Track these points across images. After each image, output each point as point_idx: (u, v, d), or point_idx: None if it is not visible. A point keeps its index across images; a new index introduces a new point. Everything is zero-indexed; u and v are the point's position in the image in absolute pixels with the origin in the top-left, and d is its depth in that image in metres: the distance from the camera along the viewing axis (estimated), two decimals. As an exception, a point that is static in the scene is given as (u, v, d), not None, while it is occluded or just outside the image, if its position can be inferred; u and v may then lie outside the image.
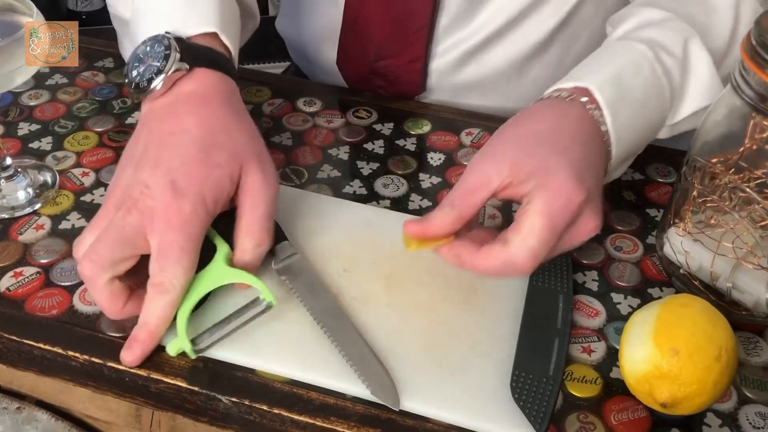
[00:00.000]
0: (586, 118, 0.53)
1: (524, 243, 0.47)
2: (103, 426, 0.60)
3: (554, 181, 0.48)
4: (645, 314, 0.48)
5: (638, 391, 0.48)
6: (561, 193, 0.48)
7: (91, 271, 0.48)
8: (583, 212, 0.49)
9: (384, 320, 0.53)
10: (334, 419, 0.48)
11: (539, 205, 0.48)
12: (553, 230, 0.48)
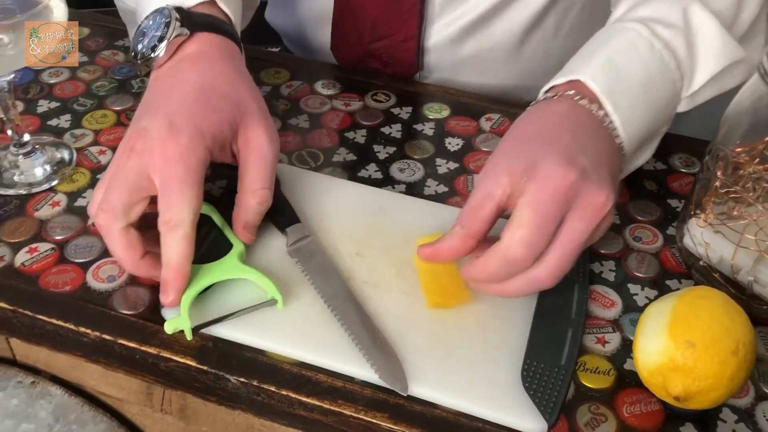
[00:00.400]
0: (574, 108, 0.52)
1: (514, 235, 0.46)
2: (115, 403, 0.60)
3: (541, 171, 0.47)
4: (661, 306, 0.47)
5: (651, 383, 0.47)
6: (548, 179, 0.47)
7: (105, 220, 0.48)
8: (583, 190, 0.47)
9: (394, 306, 0.52)
10: (342, 402, 0.47)
11: (526, 197, 0.47)
12: (542, 217, 0.46)
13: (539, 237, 0.46)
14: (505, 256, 0.47)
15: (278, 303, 0.51)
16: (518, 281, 0.48)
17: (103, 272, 0.55)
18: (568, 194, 0.47)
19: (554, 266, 0.47)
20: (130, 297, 0.53)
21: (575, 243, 0.47)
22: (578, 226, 0.47)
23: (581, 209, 0.47)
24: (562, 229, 0.47)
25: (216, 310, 0.51)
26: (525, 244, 0.46)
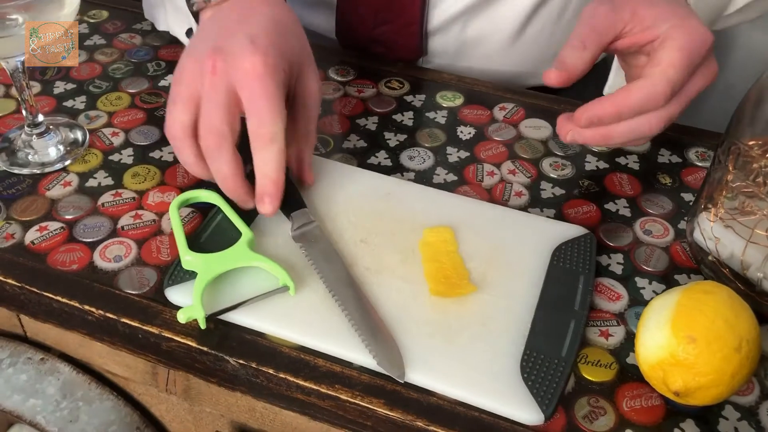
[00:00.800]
0: None
1: (664, 74, 0.49)
2: (121, 381, 0.61)
3: (689, 23, 0.51)
4: (665, 299, 0.47)
5: (652, 377, 0.46)
6: (698, 32, 0.50)
7: (215, 142, 0.50)
8: (710, 56, 0.52)
9: (396, 293, 0.52)
10: (339, 387, 0.47)
11: (679, 40, 0.50)
12: (690, 64, 0.50)
13: (681, 82, 0.50)
14: (650, 91, 0.50)
15: (290, 290, 0.51)
16: (624, 126, 0.51)
17: (110, 252, 0.55)
18: (707, 54, 0.51)
19: (667, 116, 0.51)
20: (136, 277, 0.54)
21: (690, 98, 0.51)
22: (700, 83, 0.52)
23: (705, 73, 0.52)
24: (690, 81, 0.51)
25: (227, 298, 0.51)
26: (672, 83, 0.49)
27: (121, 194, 0.60)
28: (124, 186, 0.61)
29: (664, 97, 0.49)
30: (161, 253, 0.55)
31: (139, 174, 0.62)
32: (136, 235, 0.57)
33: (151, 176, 0.62)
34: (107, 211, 0.59)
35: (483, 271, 0.54)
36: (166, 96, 0.70)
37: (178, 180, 0.62)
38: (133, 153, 0.64)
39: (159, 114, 0.68)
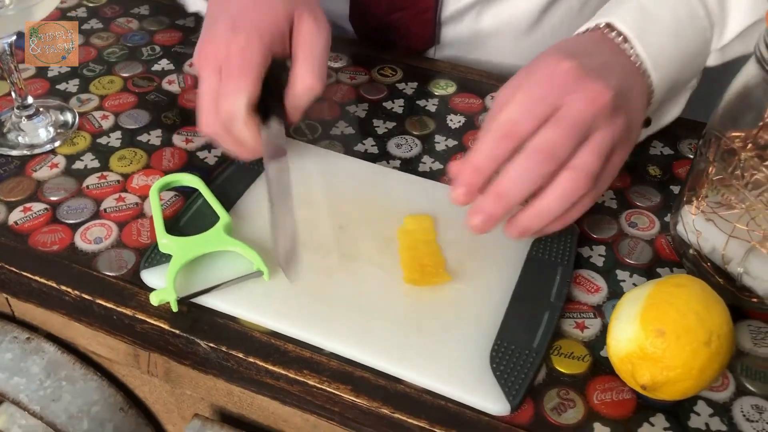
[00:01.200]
0: (603, 39, 0.52)
1: (501, 113, 0.47)
2: (105, 362, 0.62)
3: (535, 62, 0.49)
4: (637, 292, 0.46)
5: (621, 371, 0.45)
6: (538, 66, 0.48)
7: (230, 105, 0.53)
8: (581, 79, 0.46)
9: (371, 279, 0.52)
10: (307, 372, 0.47)
11: (518, 84, 0.48)
12: (529, 97, 0.46)
13: (524, 115, 0.45)
14: (492, 133, 0.46)
15: (264, 275, 0.51)
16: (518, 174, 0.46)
17: (91, 234, 0.56)
18: (563, 78, 0.46)
19: (549, 142, 0.45)
20: (114, 259, 0.54)
21: (570, 120, 0.45)
22: (575, 105, 0.46)
23: (576, 93, 0.46)
24: (559, 109, 0.46)
25: (201, 282, 0.51)
26: (508, 121, 0.46)
27: (106, 177, 0.60)
28: (110, 169, 0.61)
29: (505, 132, 0.46)
30: (141, 235, 0.56)
31: (126, 157, 0.62)
32: (118, 217, 0.57)
33: (137, 159, 0.62)
34: (91, 193, 0.59)
35: (461, 261, 0.53)
36: (159, 80, 0.71)
37: (163, 164, 0.62)
38: (121, 136, 0.64)
39: (150, 98, 0.69)
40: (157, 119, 0.66)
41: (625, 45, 0.52)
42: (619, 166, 0.50)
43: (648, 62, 0.52)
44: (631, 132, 0.50)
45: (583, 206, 0.49)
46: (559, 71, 0.47)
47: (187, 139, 0.64)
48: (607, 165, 0.49)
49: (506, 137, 0.46)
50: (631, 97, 0.50)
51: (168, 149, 0.63)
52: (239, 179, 0.59)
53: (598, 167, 0.47)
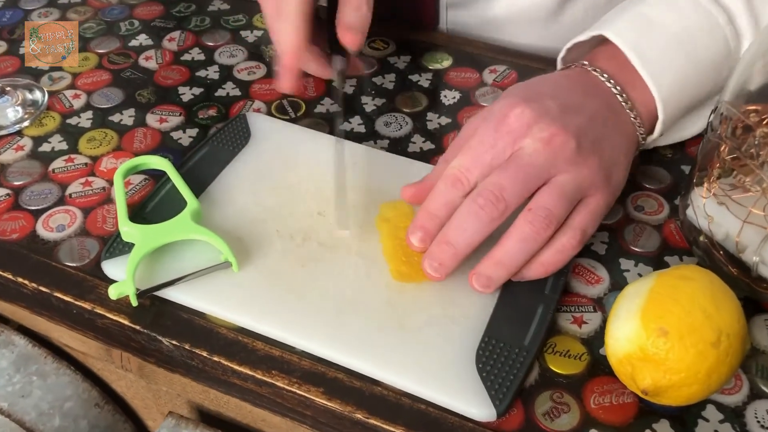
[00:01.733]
0: (578, 73, 0.50)
1: (449, 165, 0.46)
2: (80, 356, 0.58)
3: (496, 102, 0.47)
4: (638, 285, 0.41)
5: (620, 373, 0.41)
6: (491, 111, 0.47)
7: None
8: (537, 123, 0.45)
9: (350, 270, 0.48)
10: (276, 373, 0.43)
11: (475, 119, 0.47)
12: (478, 143, 0.45)
13: (474, 162, 0.45)
14: (444, 179, 0.46)
15: (233, 266, 0.47)
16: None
17: (54, 221, 0.52)
18: (516, 124, 0.45)
19: (494, 186, 0.44)
20: (77, 248, 0.50)
21: (519, 163, 0.44)
22: (527, 149, 0.44)
23: (528, 137, 0.45)
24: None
25: (165, 273, 0.47)
26: (459, 166, 0.45)
27: (73, 159, 0.57)
28: (79, 151, 0.57)
29: (455, 179, 0.46)
30: (106, 223, 0.52)
31: (95, 138, 0.58)
32: (83, 203, 0.53)
33: (108, 141, 0.58)
34: (57, 177, 0.55)
35: (448, 249, 0.49)
36: (136, 56, 0.67)
37: (134, 145, 0.58)
38: (92, 116, 0.61)
39: (125, 75, 0.65)
40: (131, 98, 0.62)
41: (603, 79, 0.49)
42: (599, 207, 0.47)
43: (650, 80, 0.48)
44: (609, 172, 0.47)
45: (564, 250, 0.45)
46: (512, 116, 0.45)
47: (161, 119, 0.60)
48: (582, 207, 0.46)
49: (456, 183, 0.45)
50: (605, 135, 0.47)
51: (140, 129, 0.59)
52: (213, 161, 0.55)
53: (557, 207, 0.44)
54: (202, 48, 0.68)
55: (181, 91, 0.63)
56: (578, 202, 0.46)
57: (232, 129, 0.57)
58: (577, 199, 0.46)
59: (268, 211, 0.51)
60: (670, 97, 0.49)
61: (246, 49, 0.68)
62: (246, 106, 0.61)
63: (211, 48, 0.68)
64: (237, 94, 0.63)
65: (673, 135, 0.55)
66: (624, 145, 0.49)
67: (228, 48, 0.68)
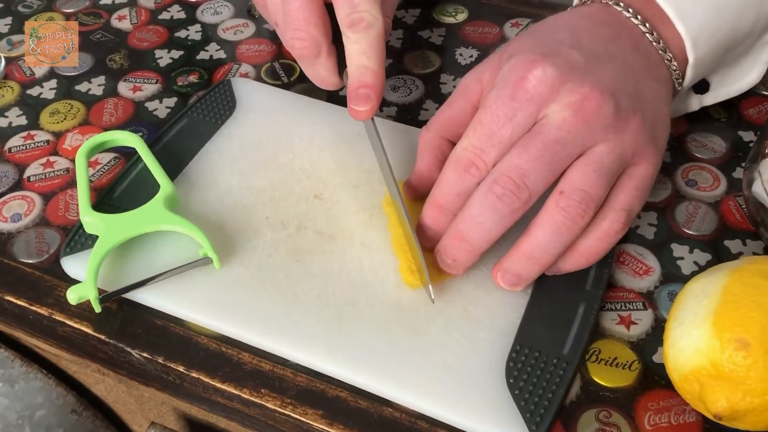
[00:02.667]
0: (602, 12, 0.41)
1: (462, 140, 0.38)
2: (53, 358, 0.52)
3: (509, 62, 0.38)
4: (707, 282, 0.34)
5: (684, 391, 0.34)
6: (512, 71, 0.38)
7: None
8: (564, 84, 0.36)
9: (354, 264, 0.40)
10: (266, 392, 0.36)
11: (489, 93, 0.38)
12: (495, 115, 0.37)
13: (489, 140, 0.37)
14: (453, 164, 0.38)
15: (214, 262, 0.40)
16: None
17: (8, 209, 0.45)
18: (536, 89, 0.37)
19: (515, 170, 0.36)
20: (34, 242, 0.43)
21: (544, 138, 0.36)
22: (553, 119, 0.36)
23: (555, 103, 0.36)
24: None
25: (135, 272, 0.40)
26: (471, 147, 0.37)
27: (33, 137, 0.49)
28: (40, 126, 0.50)
29: (468, 162, 0.38)
30: (69, 210, 0.45)
31: (59, 111, 0.51)
32: (43, 187, 0.46)
33: (73, 114, 0.51)
34: (14, 157, 0.48)
35: (469, 236, 0.41)
36: (108, 16, 0.59)
37: (104, 118, 0.50)
38: (56, 86, 0.53)
39: (95, 38, 0.57)
40: (101, 63, 0.55)
41: (628, 14, 0.41)
42: (647, 178, 0.39)
43: (674, 14, 0.40)
44: (654, 132, 0.39)
45: (606, 237, 0.38)
46: (531, 79, 0.37)
47: (134, 87, 0.52)
48: (626, 181, 0.38)
49: (470, 168, 0.37)
50: (643, 86, 0.39)
51: (111, 100, 0.52)
52: (192, 136, 0.47)
53: (595, 187, 0.36)
54: (182, 5, 0.60)
55: (158, 55, 0.55)
56: (620, 175, 0.38)
57: (215, 97, 0.49)
58: (618, 172, 0.38)
59: (256, 194, 0.44)
60: (700, 33, 0.41)
61: (232, 5, 0.59)
62: (232, 71, 0.53)
63: (192, 4, 0.60)
64: (221, 57, 0.55)
65: (725, 88, 0.47)
66: (662, 94, 0.41)
67: (212, 4, 0.60)
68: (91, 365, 0.46)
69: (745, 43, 0.44)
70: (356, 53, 0.41)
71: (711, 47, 0.42)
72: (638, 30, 0.41)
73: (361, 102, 0.41)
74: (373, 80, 0.41)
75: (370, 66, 0.41)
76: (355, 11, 0.41)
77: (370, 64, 0.41)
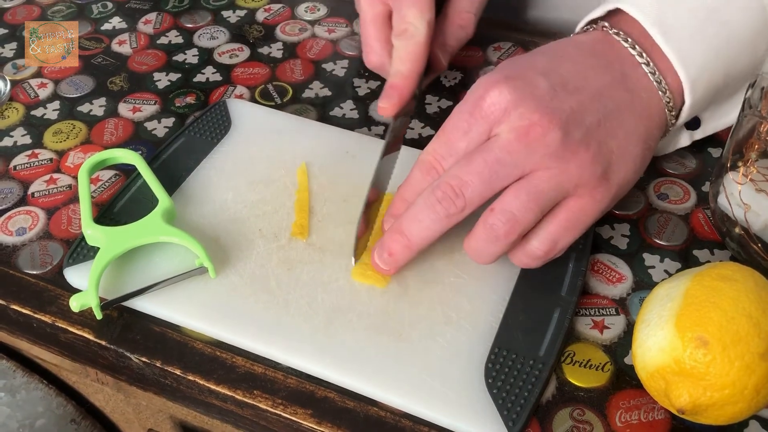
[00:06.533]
0: (602, 41, 0.43)
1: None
2: (53, 368, 0.53)
3: (478, 80, 0.41)
4: (671, 286, 0.36)
5: (651, 388, 0.36)
6: (472, 91, 0.40)
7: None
8: (514, 109, 0.38)
9: (342, 273, 0.42)
10: (258, 393, 0.38)
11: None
12: (452, 128, 0.40)
13: (447, 148, 0.40)
14: (419, 164, 0.41)
15: (210, 271, 0.42)
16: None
17: (14, 224, 0.47)
18: (492, 108, 0.39)
19: (454, 179, 0.38)
20: (38, 254, 0.45)
21: (488, 155, 0.38)
22: (500, 139, 0.38)
23: (503, 124, 0.39)
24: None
25: (134, 281, 0.42)
26: (433, 152, 0.41)
27: (38, 155, 0.52)
28: (44, 145, 0.52)
29: (428, 166, 0.41)
30: (72, 224, 0.47)
31: (62, 131, 0.53)
32: (47, 203, 0.48)
33: (75, 133, 0.53)
34: (18, 174, 0.50)
35: (449, 246, 0.43)
36: (108, 41, 0.61)
37: (105, 137, 0.53)
38: (59, 107, 0.55)
39: (96, 62, 0.59)
40: (102, 86, 0.57)
41: (626, 45, 0.42)
42: (583, 212, 0.39)
43: (675, 57, 0.41)
44: (607, 168, 0.39)
45: (527, 257, 0.40)
46: (488, 98, 0.39)
47: (134, 108, 0.55)
48: (560, 211, 0.39)
49: (431, 171, 0.41)
50: (611, 120, 0.40)
51: (112, 120, 0.54)
52: (189, 153, 0.49)
53: (524, 211, 0.38)
54: (180, 30, 0.62)
55: (157, 78, 0.58)
56: (559, 203, 0.39)
57: (211, 117, 0.52)
58: (555, 200, 0.39)
59: (249, 207, 0.46)
60: (698, 77, 0.42)
61: (228, 30, 0.62)
62: (227, 92, 0.56)
63: (189, 30, 0.62)
64: (218, 79, 0.57)
65: (715, 122, 0.48)
66: (640, 131, 0.41)
67: (208, 29, 0.62)
68: (91, 374, 0.48)
69: (736, 85, 0.45)
70: (395, 58, 0.48)
71: (707, 90, 0.43)
72: (633, 60, 0.42)
73: (384, 99, 0.47)
74: (400, 83, 0.47)
75: (401, 71, 0.47)
76: (402, 23, 0.47)
77: (402, 69, 0.47)
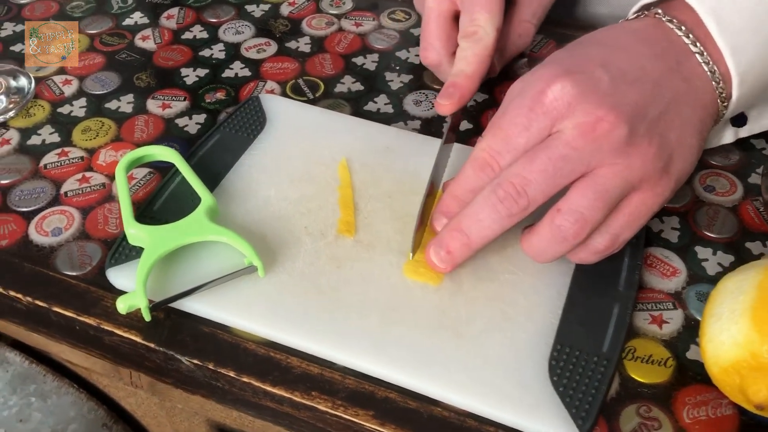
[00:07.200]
0: (654, 28, 0.42)
1: (476, 146, 0.40)
2: (83, 372, 0.52)
3: (533, 71, 0.40)
4: (741, 279, 0.35)
5: (724, 383, 0.35)
6: (529, 83, 0.39)
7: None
8: (577, 104, 0.37)
9: (393, 270, 0.41)
10: (316, 394, 0.37)
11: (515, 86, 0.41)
12: (509, 123, 0.39)
13: (505, 144, 0.39)
14: (471, 161, 0.40)
15: (259, 270, 0.41)
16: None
17: (48, 224, 0.46)
18: (554, 103, 0.38)
19: (518, 178, 0.37)
20: (76, 255, 0.44)
21: (552, 152, 0.37)
22: (565, 135, 0.37)
23: (568, 119, 0.37)
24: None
25: (181, 282, 0.41)
26: (488, 149, 0.39)
27: (67, 153, 0.50)
28: (73, 143, 0.51)
29: (479, 167, 0.40)
30: (109, 224, 0.46)
31: (91, 129, 0.52)
32: (80, 202, 0.47)
33: (105, 131, 0.52)
34: (49, 173, 0.49)
35: (502, 242, 0.43)
36: (131, 36, 0.60)
37: (135, 135, 0.51)
38: (86, 104, 0.54)
39: (120, 57, 0.58)
40: (128, 82, 0.56)
41: (680, 33, 0.41)
42: (646, 206, 0.39)
43: (726, 49, 0.40)
44: (669, 160, 0.39)
45: (596, 252, 0.39)
46: (549, 93, 0.38)
47: (163, 104, 0.54)
48: (624, 206, 0.38)
49: (485, 168, 0.40)
50: (671, 110, 0.39)
51: (141, 117, 0.53)
52: (226, 150, 0.48)
53: (592, 210, 0.37)
54: (204, 25, 0.61)
55: (184, 73, 0.56)
56: (623, 198, 0.38)
57: (246, 113, 0.51)
58: (621, 197, 0.38)
59: (293, 205, 0.45)
60: (749, 70, 0.41)
61: (253, 25, 0.61)
62: (258, 88, 0.55)
63: (214, 25, 0.61)
64: (246, 75, 0.56)
65: (762, 122, 0.48)
66: (695, 121, 0.41)
67: (233, 24, 0.61)
68: (124, 376, 0.47)
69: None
70: (460, 58, 0.47)
71: (755, 85, 0.42)
72: (687, 49, 0.41)
73: (445, 97, 0.47)
74: (463, 83, 0.47)
75: (465, 71, 0.47)
76: (472, 24, 0.47)
77: (466, 69, 0.47)
